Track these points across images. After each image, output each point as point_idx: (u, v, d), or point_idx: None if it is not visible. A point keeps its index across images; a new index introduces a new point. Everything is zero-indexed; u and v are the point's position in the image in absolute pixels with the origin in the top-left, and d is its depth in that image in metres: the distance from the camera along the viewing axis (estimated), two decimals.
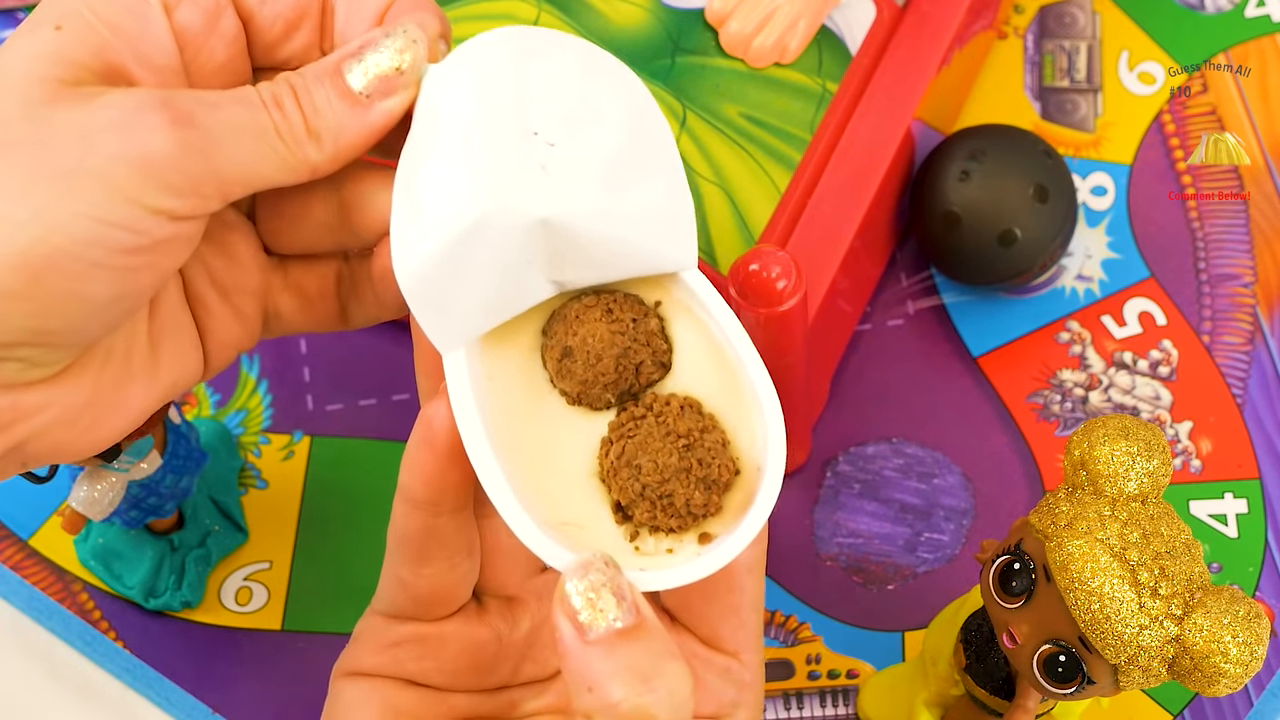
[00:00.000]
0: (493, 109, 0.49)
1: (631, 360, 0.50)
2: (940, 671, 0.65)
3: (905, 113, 0.70)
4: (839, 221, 0.68)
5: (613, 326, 0.50)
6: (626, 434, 0.50)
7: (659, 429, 0.50)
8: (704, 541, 0.50)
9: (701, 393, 0.51)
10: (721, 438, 0.50)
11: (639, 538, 0.50)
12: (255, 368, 0.76)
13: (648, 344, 0.51)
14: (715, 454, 0.50)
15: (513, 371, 0.51)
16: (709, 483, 0.50)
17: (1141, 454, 0.57)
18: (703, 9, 0.69)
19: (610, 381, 0.51)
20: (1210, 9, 0.82)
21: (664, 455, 0.49)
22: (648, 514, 0.50)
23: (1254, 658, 0.55)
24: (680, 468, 0.49)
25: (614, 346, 0.50)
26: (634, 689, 0.45)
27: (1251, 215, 0.78)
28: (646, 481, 0.49)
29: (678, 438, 0.50)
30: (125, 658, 0.71)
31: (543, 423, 0.51)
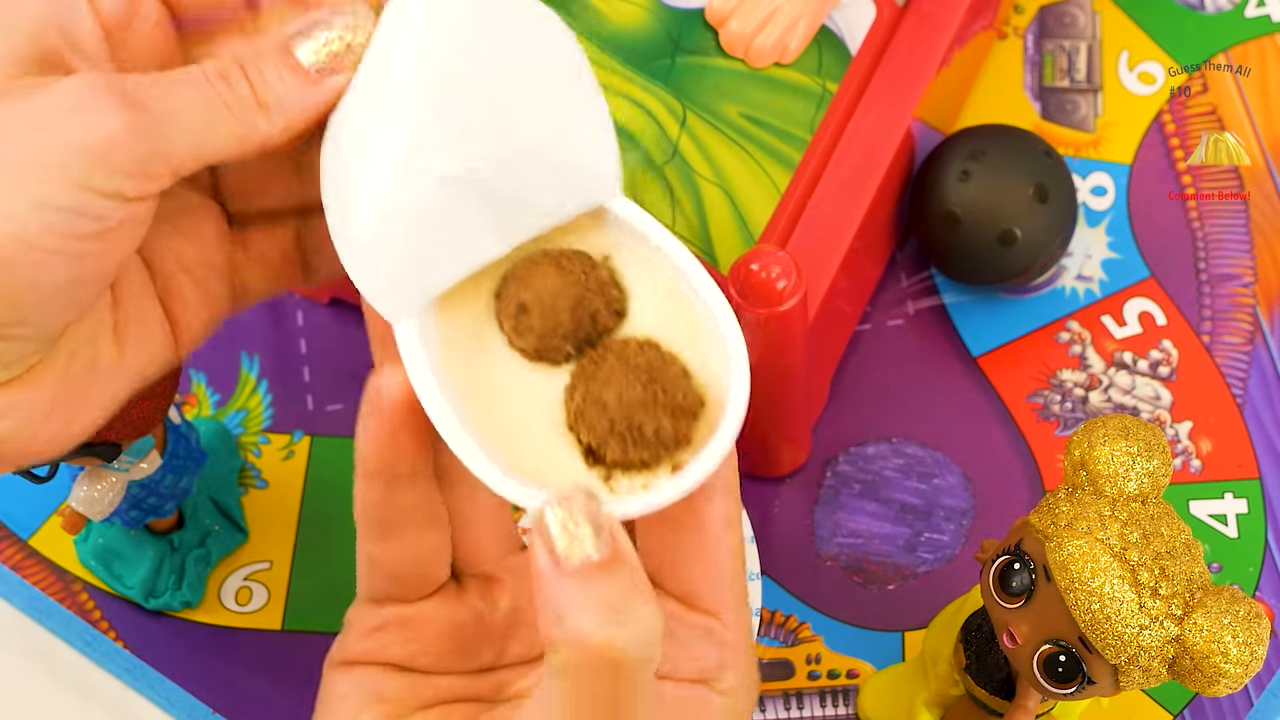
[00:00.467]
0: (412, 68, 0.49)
1: (586, 308, 0.51)
2: (940, 671, 0.65)
3: (905, 113, 0.70)
4: (839, 221, 0.68)
5: (565, 278, 0.50)
6: (589, 375, 0.50)
7: (620, 366, 0.50)
8: (676, 471, 0.50)
9: (659, 334, 0.51)
10: (683, 369, 0.50)
11: (613, 479, 0.50)
12: (255, 368, 0.76)
13: (600, 292, 0.51)
14: (679, 383, 0.50)
15: (467, 336, 0.51)
16: (676, 410, 0.50)
17: (1141, 454, 0.57)
18: (703, 9, 0.69)
19: (568, 331, 0.51)
20: (1210, 9, 0.82)
21: (628, 389, 0.50)
22: (619, 450, 0.50)
23: (1254, 658, 0.55)
24: (645, 398, 0.50)
25: (567, 296, 0.50)
26: (605, 621, 0.45)
27: (1251, 215, 0.78)
28: (614, 416, 0.50)
29: (640, 370, 0.50)
30: (125, 658, 0.71)
31: (503, 384, 0.51)
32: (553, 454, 0.51)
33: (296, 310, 0.78)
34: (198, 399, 0.76)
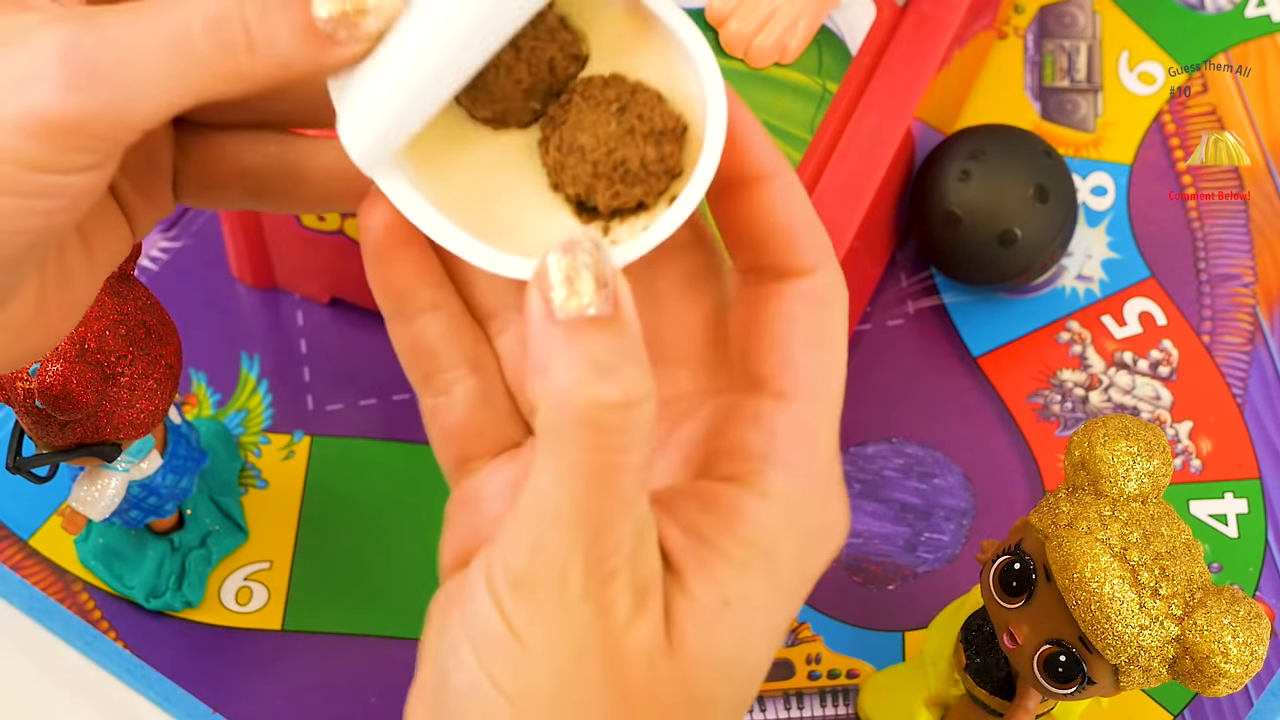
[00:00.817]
0: None
1: (541, 58, 0.48)
2: (940, 671, 0.65)
3: (905, 113, 0.70)
4: (839, 222, 0.68)
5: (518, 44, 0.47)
6: (559, 123, 0.47)
7: (588, 105, 0.47)
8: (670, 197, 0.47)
9: (624, 67, 0.48)
10: (655, 93, 0.47)
11: (611, 229, 0.48)
12: (255, 368, 0.76)
13: (552, 39, 0.48)
14: (654, 107, 0.47)
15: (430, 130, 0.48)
16: (657, 135, 0.47)
17: (1142, 454, 0.57)
18: (703, 9, 0.69)
19: (527, 86, 0.48)
20: (1210, 9, 0.82)
21: (602, 126, 0.47)
22: (608, 192, 0.47)
23: (1254, 658, 0.55)
24: (622, 131, 0.47)
25: (517, 50, 0.47)
26: (589, 379, 0.41)
27: (1251, 215, 0.78)
28: (595, 158, 0.47)
29: (609, 104, 0.47)
30: (125, 658, 0.71)
31: (479, 163, 0.49)
32: (545, 220, 0.48)
33: (296, 310, 0.78)
34: (198, 399, 0.76)
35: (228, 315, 0.77)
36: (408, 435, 0.75)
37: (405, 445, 0.75)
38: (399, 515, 0.74)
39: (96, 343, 0.61)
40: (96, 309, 0.61)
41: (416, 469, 0.74)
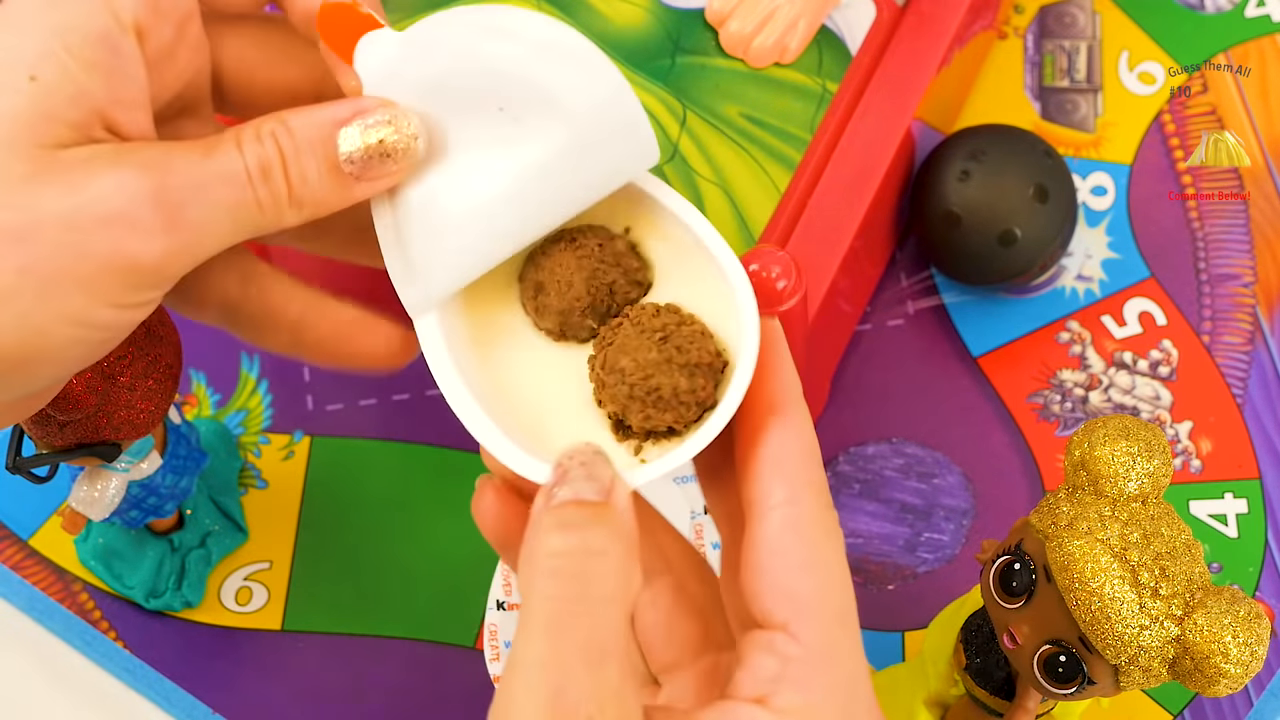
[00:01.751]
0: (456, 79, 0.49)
1: (603, 280, 0.51)
2: (940, 671, 0.65)
3: (905, 113, 0.70)
4: (839, 221, 0.68)
5: (578, 253, 0.50)
6: (606, 344, 0.50)
7: (635, 330, 0.50)
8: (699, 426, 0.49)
9: (683, 297, 0.51)
10: (700, 328, 0.50)
11: (642, 450, 0.50)
12: (255, 368, 0.76)
13: (617, 264, 0.51)
14: (694, 340, 0.49)
15: (495, 324, 0.51)
16: (692, 368, 0.49)
17: (1142, 454, 0.57)
18: (703, 9, 0.69)
19: (586, 306, 0.51)
20: (1210, 9, 0.82)
21: (643, 351, 0.49)
22: (640, 415, 0.49)
23: (1254, 658, 0.55)
24: (660, 359, 0.49)
25: (582, 270, 0.50)
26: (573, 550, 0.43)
27: (1251, 215, 0.78)
28: (632, 380, 0.49)
29: (654, 333, 0.49)
30: (125, 658, 0.71)
31: (533, 367, 0.51)
32: (583, 432, 0.50)
33: None
34: (198, 399, 0.76)
35: None
36: (408, 435, 0.75)
37: (405, 445, 0.75)
38: (399, 515, 0.74)
39: None
40: None
41: (416, 469, 0.75)
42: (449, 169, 0.49)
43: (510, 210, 0.49)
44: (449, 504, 0.74)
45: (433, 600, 0.72)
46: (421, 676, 0.71)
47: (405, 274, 0.50)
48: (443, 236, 0.49)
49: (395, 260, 0.50)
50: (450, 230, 0.49)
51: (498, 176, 0.49)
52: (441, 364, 0.50)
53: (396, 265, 0.50)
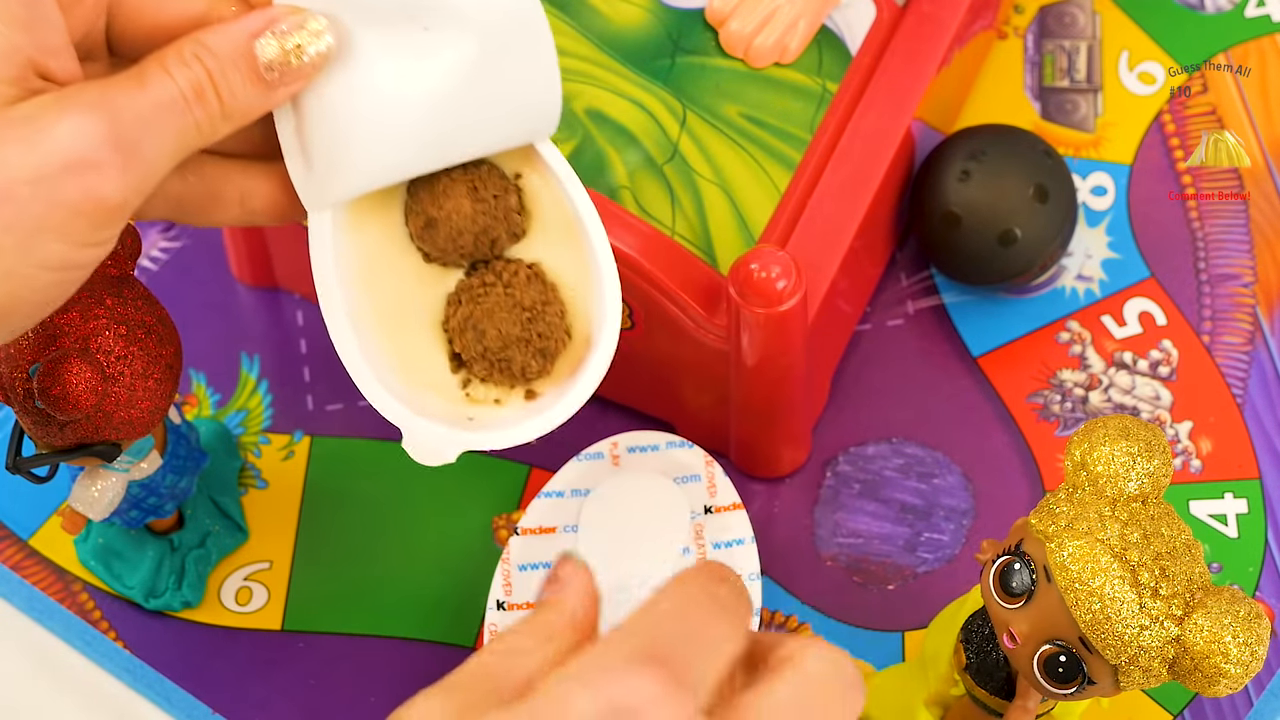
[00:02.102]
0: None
1: (489, 236, 0.54)
2: (940, 671, 0.65)
3: (905, 113, 0.70)
4: (839, 221, 0.68)
5: (476, 205, 0.54)
6: (475, 298, 0.55)
7: (506, 300, 0.54)
8: (529, 398, 0.55)
9: (547, 260, 0.55)
10: (561, 309, 0.55)
11: (470, 385, 0.55)
12: (255, 368, 0.76)
13: (505, 220, 0.54)
14: (554, 327, 0.54)
15: (379, 222, 0.55)
16: (545, 352, 0.54)
17: (1142, 454, 0.57)
18: (703, 9, 0.69)
19: (467, 252, 0.55)
20: (1210, 9, 0.82)
21: (507, 325, 0.54)
22: (484, 371, 0.54)
23: (1254, 658, 0.55)
24: (521, 337, 0.54)
25: (474, 224, 0.54)
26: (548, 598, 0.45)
27: (1251, 215, 0.78)
28: (489, 346, 0.54)
29: (522, 310, 0.54)
30: (125, 658, 0.71)
31: (400, 272, 0.55)
32: (427, 347, 0.55)
33: (296, 310, 0.78)
34: (198, 399, 0.76)
35: (228, 315, 0.77)
36: None
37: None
38: (399, 515, 0.74)
39: (96, 343, 0.60)
40: (97, 308, 0.61)
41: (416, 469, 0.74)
42: (353, 73, 0.51)
43: (408, 119, 0.52)
44: (449, 504, 0.74)
45: (433, 600, 0.72)
46: (421, 676, 0.71)
47: (303, 171, 0.53)
48: (342, 139, 0.52)
49: (295, 158, 0.53)
50: (349, 134, 0.52)
51: (400, 82, 0.51)
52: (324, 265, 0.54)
53: (296, 163, 0.53)
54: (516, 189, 0.55)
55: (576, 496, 0.68)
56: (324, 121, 0.52)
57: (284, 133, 0.53)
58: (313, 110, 0.52)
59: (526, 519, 0.68)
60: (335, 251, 0.54)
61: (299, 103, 0.52)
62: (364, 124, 0.52)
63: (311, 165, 0.53)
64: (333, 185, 0.53)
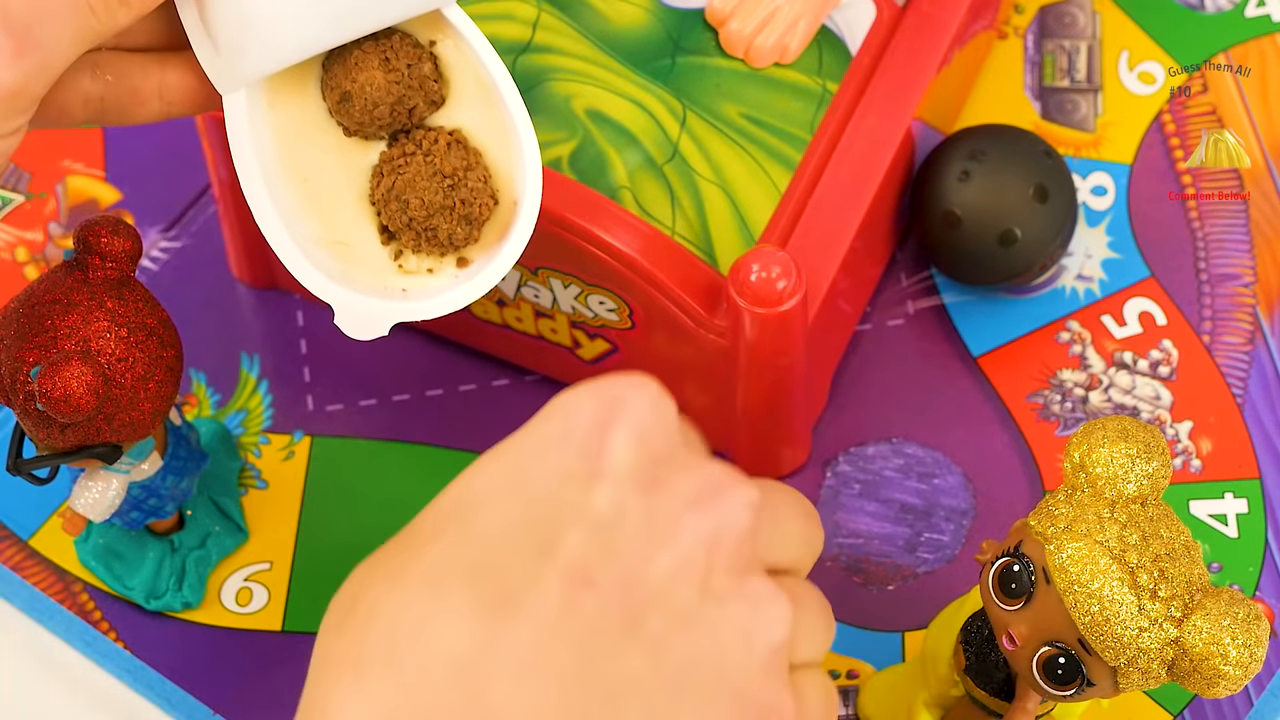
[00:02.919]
0: None
1: (405, 105, 0.55)
2: (940, 672, 0.65)
3: (905, 113, 0.70)
4: (839, 221, 0.68)
5: (389, 75, 0.54)
6: (396, 169, 0.55)
7: (426, 168, 0.55)
8: (461, 265, 0.56)
9: (469, 126, 0.56)
10: (483, 174, 0.55)
11: (402, 256, 0.56)
12: (255, 368, 0.76)
13: (421, 88, 0.55)
14: (477, 192, 0.55)
15: (296, 101, 0.55)
16: (470, 219, 0.55)
17: (1141, 456, 0.57)
18: (703, 9, 0.69)
19: (385, 124, 0.55)
20: (1210, 9, 0.82)
21: (430, 193, 0.55)
22: (412, 241, 0.55)
23: (1253, 660, 0.55)
24: (444, 205, 0.55)
25: (390, 94, 0.54)
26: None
27: (1251, 215, 0.78)
28: (413, 215, 0.55)
29: (443, 178, 0.55)
30: (125, 658, 0.71)
31: (322, 148, 0.56)
32: (354, 222, 0.56)
33: (296, 310, 0.78)
34: (198, 399, 0.76)
35: (228, 315, 0.77)
36: (408, 435, 0.75)
37: (405, 445, 0.75)
38: (399, 515, 0.74)
39: (97, 345, 0.61)
40: (97, 311, 0.61)
41: (416, 469, 0.75)
42: None
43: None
44: None
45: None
46: None
47: (211, 54, 0.54)
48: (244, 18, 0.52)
49: (202, 43, 0.54)
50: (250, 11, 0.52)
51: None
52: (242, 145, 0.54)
53: (204, 48, 0.54)
54: (431, 56, 0.55)
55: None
56: (224, 2, 0.52)
57: (187, 19, 0.53)
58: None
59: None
60: (253, 133, 0.54)
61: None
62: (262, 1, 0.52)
63: (219, 48, 0.53)
64: (241, 65, 0.53)
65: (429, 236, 0.55)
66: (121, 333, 0.61)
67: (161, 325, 0.63)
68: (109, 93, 0.55)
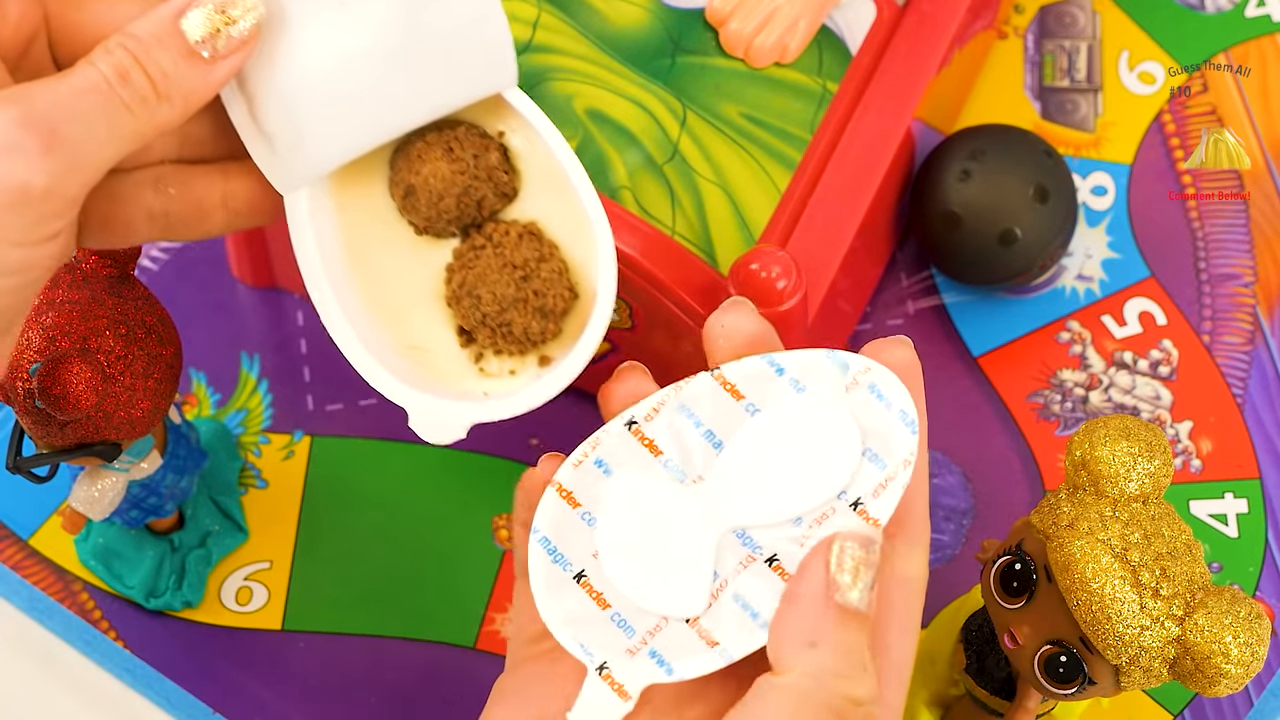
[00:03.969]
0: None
1: (473, 197, 0.53)
2: (940, 672, 0.65)
3: (905, 113, 0.70)
4: (839, 221, 0.68)
5: (454, 166, 0.52)
6: (467, 264, 0.53)
7: (497, 260, 0.53)
8: (544, 364, 0.53)
9: (544, 218, 0.54)
10: (559, 266, 0.53)
11: (483, 359, 0.54)
12: (255, 368, 0.76)
13: (489, 178, 0.53)
14: (551, 284, 0.53)
15: (364, 201, 0.53)
16: (545, 311, 0.53)
17: (1143, 454, 0.57)
18: (703, 9, 0.69)
19: (453, 217, 0.53)
20: (1210, 9, 0.82)
21: (501, 286, 0.52)
22: (489, 340, 0.53)
23: (1255, 658, 0.55)
24: (517, 298, 0.52)
25: (455, 185, 0.52)
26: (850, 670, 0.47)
27: (1251, 215, 0.78)
28: (486, 311, 0.52)
29: (515, 269, 0.52)
30: (125, 658, 0.71)
31: (394, 250, 0.54)
32: (431, 325, 0.54)
33: (296, 310, 0.78)
34: (198, 399, 0.76)
35: (228, 315, 0.77)
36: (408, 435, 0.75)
37: (405, 445, 0.75)
38: (399, 515, 0.74)
39: (97, 343, 0.60)
40: (97, 309, 0.61)
41: (416, 469, 0.74)
42: (290, 42, 0.50)
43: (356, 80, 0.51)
44: (449, 504, 0.74)
45: (433, 600, 0.72)
46: (421, 676, 0.71)
47: (267, 154, 0.52)
48: (294, 113, 0.51)
49: (256, 143, 0.51)
50: (299, 106, 0.51)
51: (339, 43, 0.50)
52: (306, 247, 0.52)
53: (258, 147, 0.52)
54: (500, 146, 0.53)
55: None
56: (272, 98, 0.51)
57: (238, 119, 0.52)
58: (259, 88, 0.51)
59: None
60: (318, 234, 0.53)
61: (244, 83, 0.51)
62: (311, 93, 0.50)
63: (274, 147, 0.52)
64: (298, 163, 0.52)
65: (504, 333, 0.53)
66: (121, 330, 0.61)
67: (160, 323, 0.63)
68: (173, 207, 0.53)
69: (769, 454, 0.50)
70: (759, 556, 0.50)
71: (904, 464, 0.50)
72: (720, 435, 0.51)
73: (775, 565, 0.49)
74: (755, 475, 0.50)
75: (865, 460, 0.50)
